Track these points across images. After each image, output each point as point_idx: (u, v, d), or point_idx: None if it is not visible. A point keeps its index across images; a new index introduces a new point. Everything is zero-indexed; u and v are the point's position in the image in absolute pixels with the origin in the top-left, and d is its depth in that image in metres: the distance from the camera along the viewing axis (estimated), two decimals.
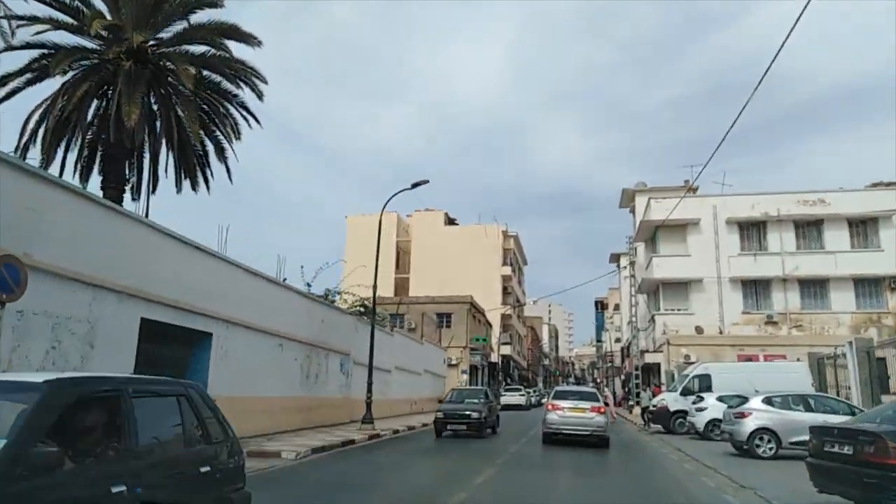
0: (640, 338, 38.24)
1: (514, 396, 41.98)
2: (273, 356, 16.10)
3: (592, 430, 16.84)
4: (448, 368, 42.91)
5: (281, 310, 16.50)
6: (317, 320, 18.30)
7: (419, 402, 29.33)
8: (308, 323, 17.80)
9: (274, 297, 16.40)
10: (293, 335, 16.97)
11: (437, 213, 64.24)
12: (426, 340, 31.47)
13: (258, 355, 15.37)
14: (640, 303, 44.98)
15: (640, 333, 38.49)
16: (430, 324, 43.62)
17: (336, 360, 19.79)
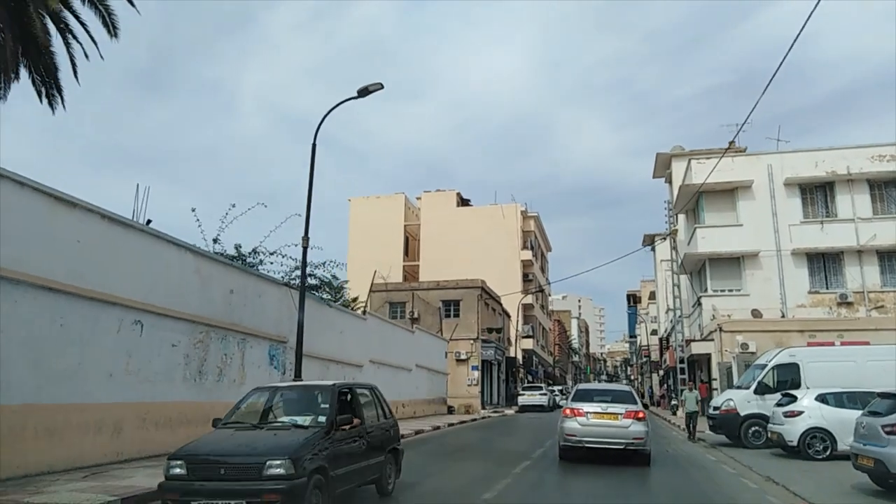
0: (682, 326, 31.72)
1: (533, 396, 35.94)
2: (119, 339, 10.40)
3: (628, 442, 12.06)
4: (456, 364, 37.00)
5: (140, 269, 10.80)
6: (220, 290, 12.48)
7: (410, 404, 23.61)
8: (202, 293, 11.98)
9: (122, 246, 10.54)
10: (169, 309, 11.18)
11: (449, 194, 58.32)
12: (418, 328, 25.55)
13: (81, 335, 9.53)
14: (681, 285, 38.47)
15: (683, 321, 31.99)
16: (435, 313, 37.78)
17: (261, 349, 13.90)
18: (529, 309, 56.07)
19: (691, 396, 18.55)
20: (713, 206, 34.28)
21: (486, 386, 38.67)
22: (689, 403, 18.14)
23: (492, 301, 41.30)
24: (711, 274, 33.62)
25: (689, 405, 18.16)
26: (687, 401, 18.47)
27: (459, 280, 38.26)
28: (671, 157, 41.49)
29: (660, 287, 58.12)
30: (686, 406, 18.15)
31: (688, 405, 18.15)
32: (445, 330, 37.86)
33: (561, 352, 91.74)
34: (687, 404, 18.22)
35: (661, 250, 58.64)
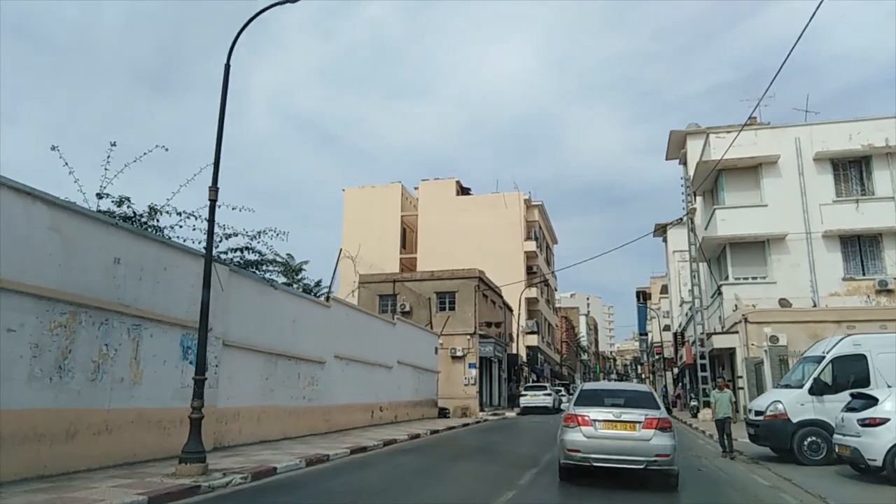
0: (702, 318, 28.33)
1: (536, 397, 32.68)
2: None
3: (649, 460, 9.17)
4: (451, 362, 33.80)
5: None
6: (98, 258, 9.14)
7: (390, 407, 20.37)
8: (66, 260, 8.69)
9: None
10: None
11: (448, 183, 55.08)
12: (401, 319, 22.24)
13: None
14: (699, 274, 35.12)
15: (702, 312, 28.62)
16: (429, 305, 34.60)
17: (169, 339, 10.55)
18: (534, 303, 52.74)
19: (723, 398, 14.18)
20: (734, 184, 30.94)
21: (485, 386, 35.46)
22: (722, 406, 14.04)
23: (491, 293, 38.05)
24: (733, 260, 30.26)
25: (720, 409, 14.05)
26: (718, 403, 14.21)
27: (455, 270, 35.07)
28: (686, 134, 38.08)
29: (672, 280, 54.70)
30: (717, 410, 14.06)
31: (719, 409, 14.09)
32: (438, 324, 34.64)
33: (569, 350, 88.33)
34: (718, 408, 14.14)
35: (673, 240, 55.24)
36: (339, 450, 12.26)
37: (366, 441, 14.26)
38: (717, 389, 14.71)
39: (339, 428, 16.40)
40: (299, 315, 14.88)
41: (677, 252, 53.92)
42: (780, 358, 20.45)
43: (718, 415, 14.04)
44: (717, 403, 14.17)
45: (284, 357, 14.15)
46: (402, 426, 19.60)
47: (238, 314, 12.38)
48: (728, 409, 13.75)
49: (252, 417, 12.76)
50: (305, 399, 15.01)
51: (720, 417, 13.99)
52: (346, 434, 15.93)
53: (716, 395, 14.45)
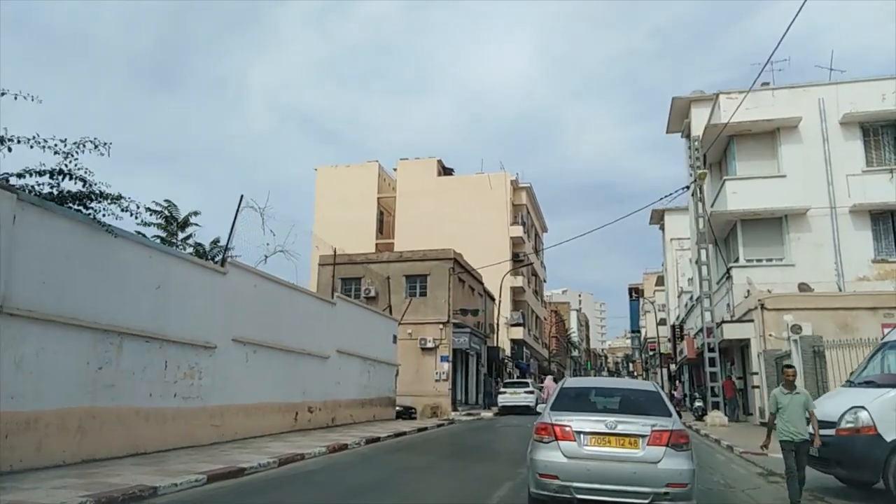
0: (710, 304, 24.19)
1: (516, 395, 28.49)
2: None
3: (657, 493, 6.17)
4: (421, 354, 29.56)
5: None
6: None
7: (326, 407, 15.98)
8: None
9: None
10: None
11: (429, 162, 50.79)
12: (342, 297, 17.75)
13: None
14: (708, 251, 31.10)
15: (710, 298, 24.47)
16: (399, 291, 30.36)
17: None
18: (520, 293, 48.56)
19: (795, 403, 7.75)
20: (748, 152, 26.93)
21: (460, 382, 31.30)
22: (794, 417, 7.71)
23: (469, 279, 33.81)
24: (745, 239, 26.24)
25: (792, 422, 7.70)
26: (787, 412, 7.75)
27: (427, 251, 30.83)
28: (690, 102, 33.83)
29: (669, 270, 50.71)
30: (785, 424, 7.72)
31: (789, 421, 7.71)
32: (408, 311, 30.39)
33: (559, 345, 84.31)
34: (787, 419, 7.73)
35: (671, 228, 51.28)
36: (189, 477, 7.97)
37: (255, 457, 10.02)
38: (783, 388, 7.89)
39: (237, 436, 12.06)
40: (170, 280, 10.57)
41: (675, 240, 50.00)
42: (814, 350, 16.33)
43: (788, 433, 7.64)
44: (786, 412, 7.71)
45: (138, 338, 9.79)
46: (337, 432, 15.33)
47: (38, 270, 8.07)
48: (803, 422, 7.64)
49: (67, 426, 8.47)
50: (180, 397, 10.65)
51: (791, 438, 7.60)
52: (239, 446, 11.63)
53: (781, 398, 7.82)
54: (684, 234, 49.36)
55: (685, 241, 49.10)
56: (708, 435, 17.61)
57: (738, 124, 26.03)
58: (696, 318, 32.85)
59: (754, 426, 21.26)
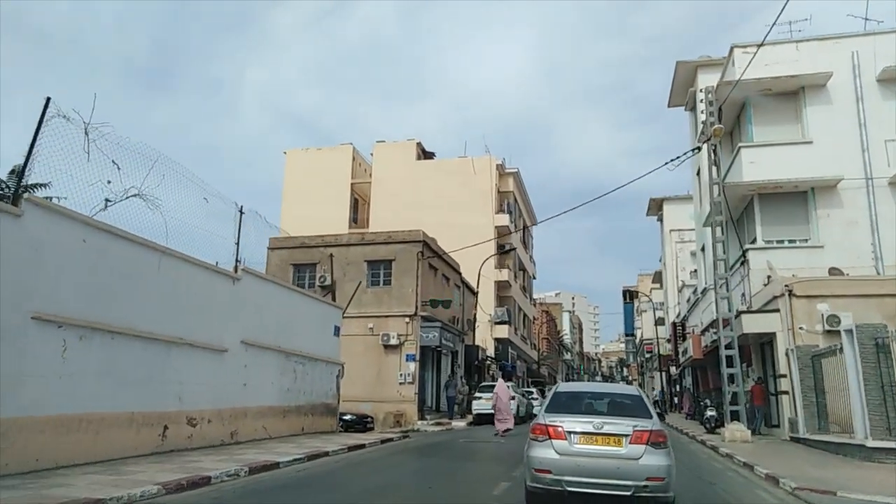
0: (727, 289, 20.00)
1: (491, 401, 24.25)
2: None
3: (638, 485, 6.98)
4: (383, 352, 25.30)
5: None
6: None
7: (218, 419, 11.66)
8: None
9: None
10: None
11: (407, 145, 46.63)
12: (249, 270, 13.27)
13: None
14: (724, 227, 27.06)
15: (726, 284, 20.24)
16: (358, 278, 26.10)
17: None
18: (505, 288, 44.35)
19: None
20: (766, 115, 22.99)
21: (431, 385, 27.07)
22: None
23: (444, 266, 29.53)
24: (763, 217, 22.25)
25: None
26: None
27: (392, 232, 26.56)
28: (696, 67, 29.84)
29: (669, 264, 46.67)
30: None
31: None
32: (367, 302, 26.22)
33: (550, 347, 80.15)
34: None
35: (670, 218, 47.23)
36: None
37: None
38: None
39: (36, 466, 7.84)
40: None
41: (675, 231, 46.00)
42: (876, 343, 12.14)
43: None
44: None
45: None
46: (223, 454, 10.95)
47: None
48: None
49: None
50: None
51: None
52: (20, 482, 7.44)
53: None
54: (684, 224, 45.40)
55: (685, 231, 45.13)
56: (732, 456, 13.38)
57: (757, 82, 22.09)
58: (702, 313, 28.77)
59: (785, 442, 17.11)
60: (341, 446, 13.20)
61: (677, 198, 47.33)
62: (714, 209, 20.26)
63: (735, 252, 24.37)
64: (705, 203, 27.47)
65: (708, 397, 23.08)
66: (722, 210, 20.02)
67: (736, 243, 24.65)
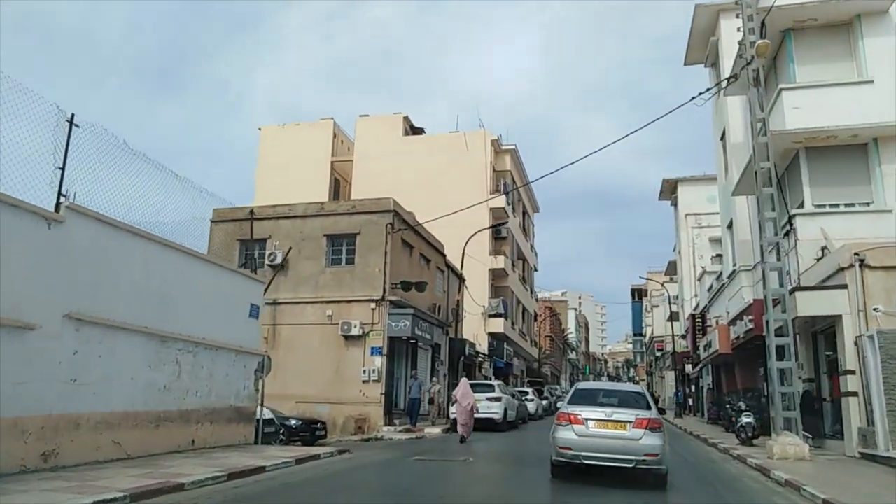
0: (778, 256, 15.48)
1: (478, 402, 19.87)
2: None
3: (638, 459, 9.55)
4: (343, 344, 20.97)
5: None
6: None
7: (23, 432, 7.74)
8: None
9: None
10: None
11: (393, 119, 42.36)
12: (76, 209, 9.01)
13: None
14: (762, 186, 22.83)
15: (776, 252, 15.69)
16: (320, 256, 21.80)
17: None
18: (501, 277, 39.97)
19: None
20: (812, 50, 18.69)
21: (403, 384, 22.63)
22: None
23: (421, 244, 24.98)
24: (811, 176, 17.94)
25: None
26: None
27: (356, 201, 22.13)
28: (719, 12, 25.33)
29: (684, 252, 42.11)
30: None
31: None
32: (328, 284, 22.01)
33: (553, 346, 75.64)
34: None
35: (685, 201, 42.61)
36: None
37: None
38: None
39: None
40: None
41: (691, 215, 41.44)
42: None
43: None
44: None
45: None
46: None
47: None
48: None
49: None
50: None
51: None
52: None
53: None
54: (701, 207, 40.90)
55: (703, 216, 40.59)
56: (798, 486, 8.95)
57: (800, 7, 17.73)
58: (728, 301, 24.29)
59: (854, 461, 12.68)
60: (218, 471, 8.88)
61: (693, 178, 42.80)
62: (758, 153, 15.75)
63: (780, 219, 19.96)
64: (733, 170, 23.07)
65: (741, 399, 18.62)
66: (769, 154, 15.52)
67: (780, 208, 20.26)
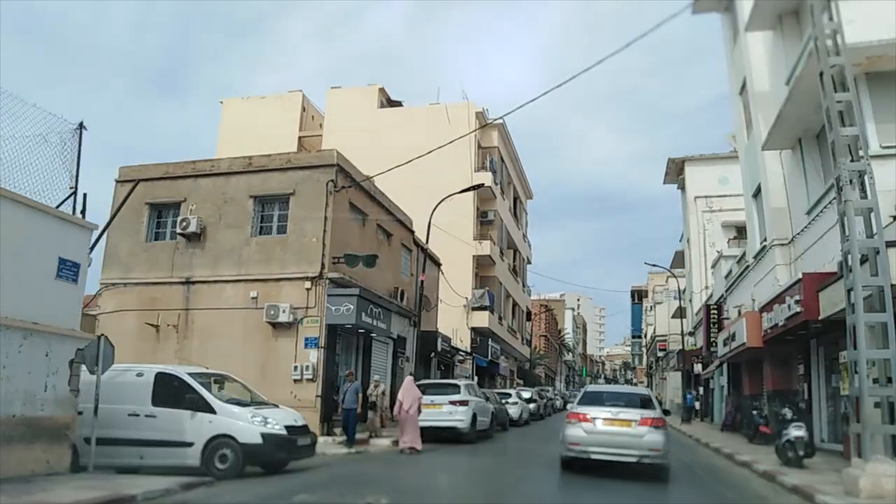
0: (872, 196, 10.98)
1: (436, 408, 15.26)
2: None
3: (642, 454, 10.40)
4: (272, 333, 16.49)
5: None
6: None
7: None
8: None
9: None
10: None
11: (367, 91, 38.01)
12: None
13: None
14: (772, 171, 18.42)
15: (864, 180, 11.19)
16: (244, 224, 17.34)
17: None
18: (487, 266, 35.53)
19: None
20: None
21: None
22: None
23: (377, 211, 20.29)
24: (875, 109, 13.45)
25: None
26: None
27: (292, 154, 17.49)
28: None
29: (693, 239, 37.71)
30: None
31: None
32: (254, 259, 17.61)
33: (549, 346, 71.17)
34: None
35: (694, 183, 38.15)
36: None
37: None
38: None
39: None
40: None
41: (700, 198, 37.05)
42: None
43: None
44: None
45: None
46: None
47: None
48: None
49: None
50: None
51: None
52: None
53: None
54: (712, 189, 36.52)
55: (714, 199, 36.23)
56: None
57: None
58: (754, 286, 19.93)
59: None
60: None
61: (702, 158, 38.42)
62: (820, 52, 11.24)
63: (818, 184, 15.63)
64: (759, 124, 18.68)
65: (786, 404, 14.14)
66: (841, 50, 11.04)
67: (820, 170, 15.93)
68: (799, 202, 16.83)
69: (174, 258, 17.96)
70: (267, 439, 10.44)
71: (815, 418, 14.78)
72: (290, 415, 11.62)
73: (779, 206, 18.12)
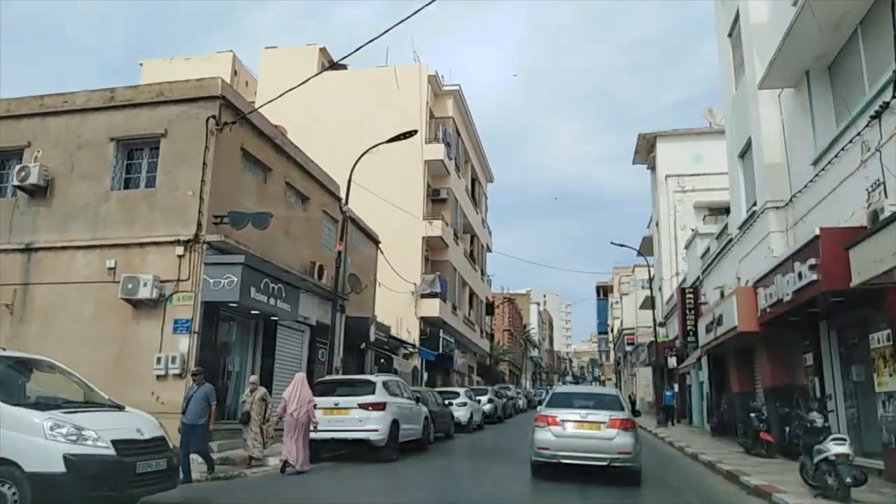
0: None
1: (340, 413, 11.58)
2: None
3: (612, 458, 10.18)
4: (132, 314, 12.61)
5: None
6: None
7: None
8: None
9: None
10: None
11: (306, 51, 34.17)
12: None
13: None
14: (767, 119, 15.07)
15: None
16: (101, 173, 13.39)
17: None
18: (439, 248, 31.92)
19: None
20: None
21: (243, 381, 14.25)
22: None
23: (288, 166, 16.37)
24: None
25: None
26: None
27: (163, 84, 13.49)
28: None
29: (663, 221, 34.73)
30: None
31: None
32: (112, 218, 13.55)
33: (513, 341, 67.92)
34: None
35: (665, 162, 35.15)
36: None
37: None
38: None
39: None
40: None
41: (672, 177, 34.00)
42: None
43: None
44: None
45: None
46: None
47: None
48: None
49: None
50: None
51: None
52: None
53: None
54: (685, 167, 33.58)
55: (686, 177, 33.25)
56: None
57: None
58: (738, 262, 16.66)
59: None
60: None
61: (675, 133, 35.49)
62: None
63: (828, 127, 12.32)
64: (754, 62, 15.39)
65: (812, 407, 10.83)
66: None
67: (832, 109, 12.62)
68: (800, 154, 13.56)
69: (12, 219, 13.86)
70: (75, 465, 6.44)
71: (832, 421, 11.44)
72: (135, 422, 7.61)
73: (774, 161, 14.85)
